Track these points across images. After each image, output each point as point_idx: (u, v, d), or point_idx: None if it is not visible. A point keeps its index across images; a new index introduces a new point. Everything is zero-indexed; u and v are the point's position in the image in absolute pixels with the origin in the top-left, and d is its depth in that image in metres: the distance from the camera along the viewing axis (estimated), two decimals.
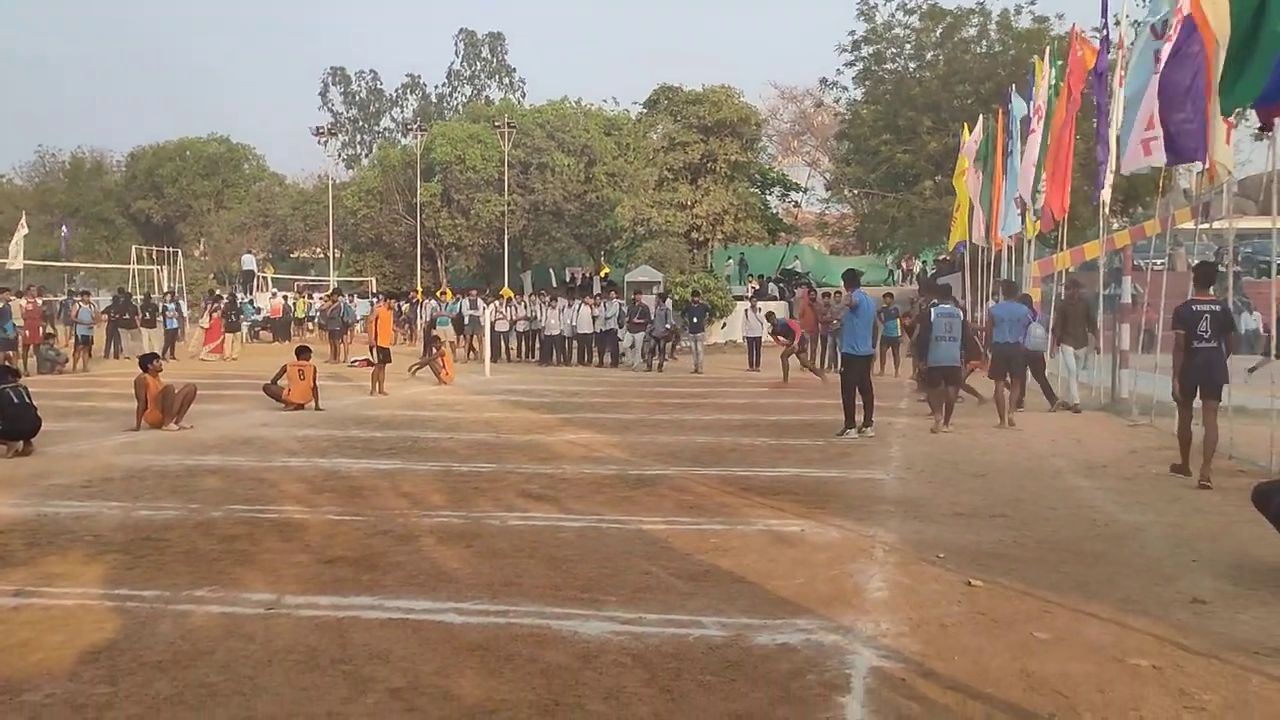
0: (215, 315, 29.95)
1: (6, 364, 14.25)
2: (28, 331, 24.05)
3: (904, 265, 41.61)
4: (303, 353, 16.90)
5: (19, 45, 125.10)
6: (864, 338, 13.27)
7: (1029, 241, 20.44)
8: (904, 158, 35.97)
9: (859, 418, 13.00)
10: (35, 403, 11.73)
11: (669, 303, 28.29)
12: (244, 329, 34.22)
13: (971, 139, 24.45)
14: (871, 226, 40.19)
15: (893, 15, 37.64)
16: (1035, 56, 22.43)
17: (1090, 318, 15.58)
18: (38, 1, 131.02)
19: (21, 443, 11.32)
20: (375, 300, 30.94)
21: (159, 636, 5.20)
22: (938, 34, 36.83)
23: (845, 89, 41.45)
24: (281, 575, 6.38)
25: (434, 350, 22.14)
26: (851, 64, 39.23)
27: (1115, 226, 21.08)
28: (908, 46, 38.03)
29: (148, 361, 14.17)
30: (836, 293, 26.47)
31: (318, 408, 16.02)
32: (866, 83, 39.36)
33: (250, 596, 5.91)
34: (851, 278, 13.66)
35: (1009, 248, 22.50)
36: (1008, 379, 14.34)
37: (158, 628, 5.34)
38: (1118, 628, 5.31)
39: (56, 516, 8.11)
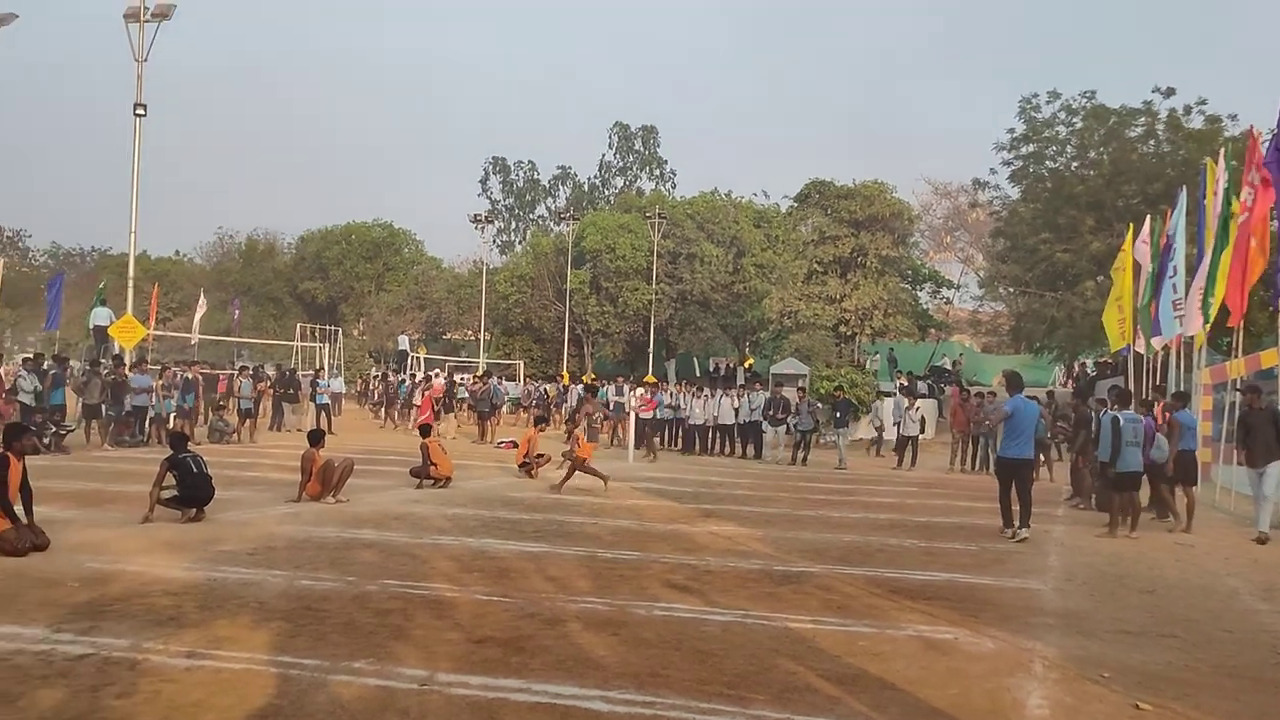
0: (427, 393, 30.84)
1: (184, 434, 14.99)
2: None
3: (1076, 368, 40.19)
4: (426, 431, 18.12)
5: (197, 134, 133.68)
6: (1015, 441, 12.99)
7: (1199, 349, 19.64)
8: (1064, 257, 35.13)
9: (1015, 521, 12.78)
10: (210, 472, 12.33)
11: (810, 396, 28.01)
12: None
13: (1140, 240, 23.71)
14: (1028, 326, 39.22)
15: (1055, 114, 37.08)
16: (1207, 158, 21.78)
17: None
18: (224, 95, 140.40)
19: (195, 509, 11.90)
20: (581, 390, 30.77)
21: (319, 705, 5.36)
22: (1102, 133, 36.11)
23: (998, 188, 40.90)
24: (434, 652, 6.51)
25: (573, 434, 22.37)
26: (1009, 162, 38.70)
27: None
28: (1069, 146, 37.34)
29: (317, 438, 14.77)
30: (990, 393, 25.87)
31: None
32: (1024, 180, 38.74)
33: (404, 671, 6.05)
34: (1014, 381, 13.60)
35: (1178, 352, 21.63)
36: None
37: (318, 696, 5.51)
38: None
39: (225, 582, 8.47)
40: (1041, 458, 21.96)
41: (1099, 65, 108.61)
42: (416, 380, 36.97)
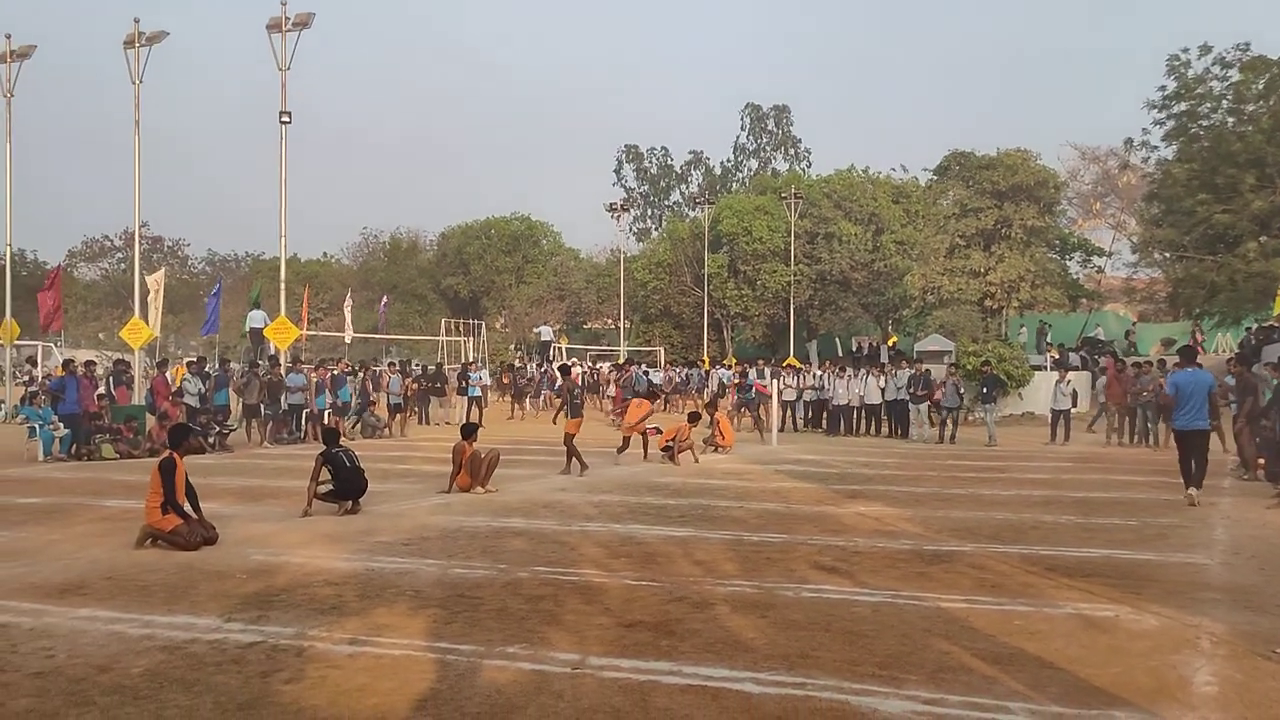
0: (619, 386, 31.34)
1: (337, 430, 15.55)
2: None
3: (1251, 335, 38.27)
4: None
5: (339, 136, 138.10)
6: (1185, 413, 13.45)
7: None
8: (1223, 218, 33.42)
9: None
10: (363, 466, 12.79)
11: (958, 372, 27.30)
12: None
13: None
14: (1186, 292, 37.45)
15: (1207, 69, 35.26)
16: None
17: None
18: (361, 98, 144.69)
19: (350, 502, 12.36)
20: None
21: (477, 689, 5.52)
22: (1260, 85, 34.18)
23: (1155, 148, 39.11)
24: (585, 636, 6.62)
25: (713, 418, 22.41)
26: (1161, 121, 36.98)
27: None
28: (1225, 100, 35.46)
29: (469, 431, 15.13)
30: (1147, 363, 24.87)
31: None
32: (1179, 140, 36.95)
33: (557, 655, 6.17)
34: (1186, 355, 14.20)
35: None
36: None
37: (475, 680, 5.67)
38: None
39: (382, 571, 8.78)
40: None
41: (1255, 14, 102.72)
42: (543, 370, 37.63)
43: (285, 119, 27.01)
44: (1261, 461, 15.13)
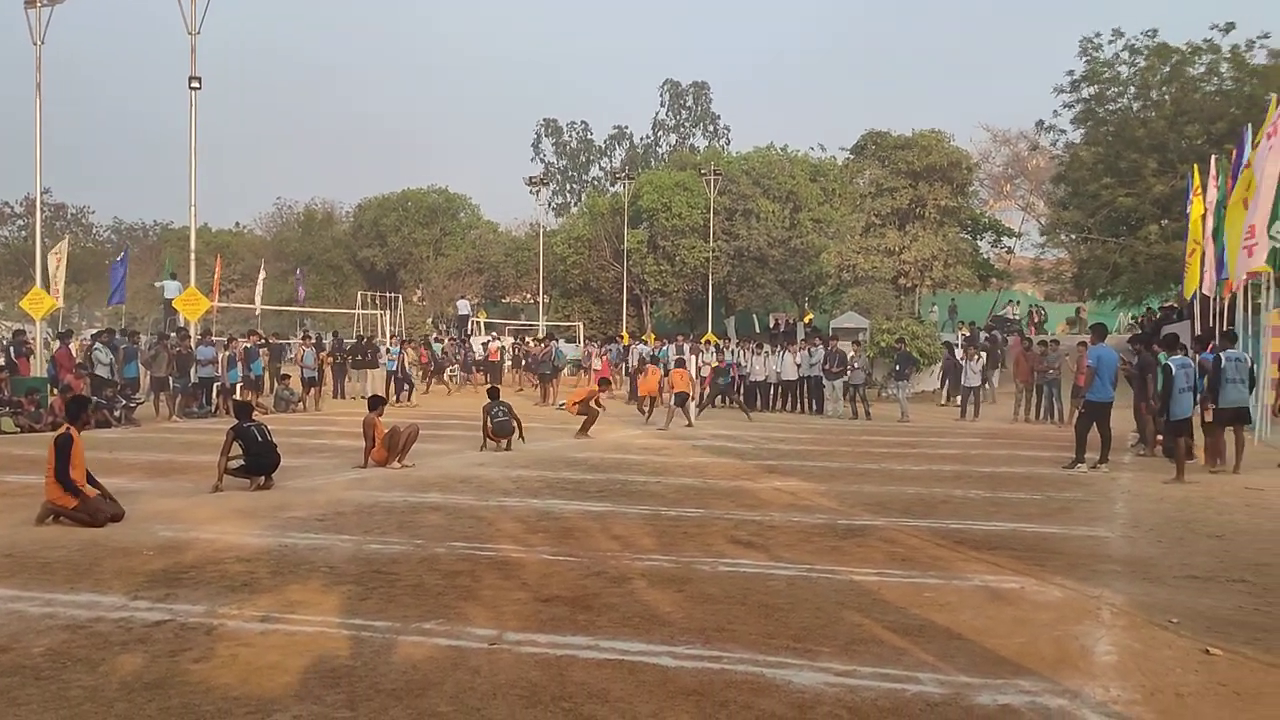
0: (605, 358, 31.08)
1: (249, 403, 15.27)
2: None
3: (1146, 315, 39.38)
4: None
5: (252, 105, 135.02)
6: (1104, 387, 14.29)
7: (1268, 288, 19.16)
8: (1126, 201, 34.37)
9: (1092, 456, 14.27)
10: (275, 440, 12.58)
11: (866, 350, 27.71)
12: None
13: (1211, 180, 23.10)
14: (1091, 273, 38.46)
15: (1117, 54, 36.16)
16: (1272, 93, 21.13)
17: None
18: (276, 68, 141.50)
19: (263, 477, 12.16)
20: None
21: (392, 665, 5.48)
22: (1165, 72, 35.15)
23: (1063, 131, 40.03)
24: (502, 612, 6.62)
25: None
26: (1070, 105, 37.86)
27: None
28: (1131, 86, 36.41)
29: (376, 404, 14.97)
30: (1053, 342, 25.50)
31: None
32: (1087, 124, 37.86)
33: (474, 631, 6.15)
34: (1099, 331, 14.93)
35: (1245, 294, 21.11)
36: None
37: (391, 657, 5.64)
38: None
39: (296, 547, 8.66)
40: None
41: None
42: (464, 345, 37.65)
43: (195, 84, 26.31)
44: (1160, 438, 15.66)
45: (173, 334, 25.92)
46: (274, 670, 5.42)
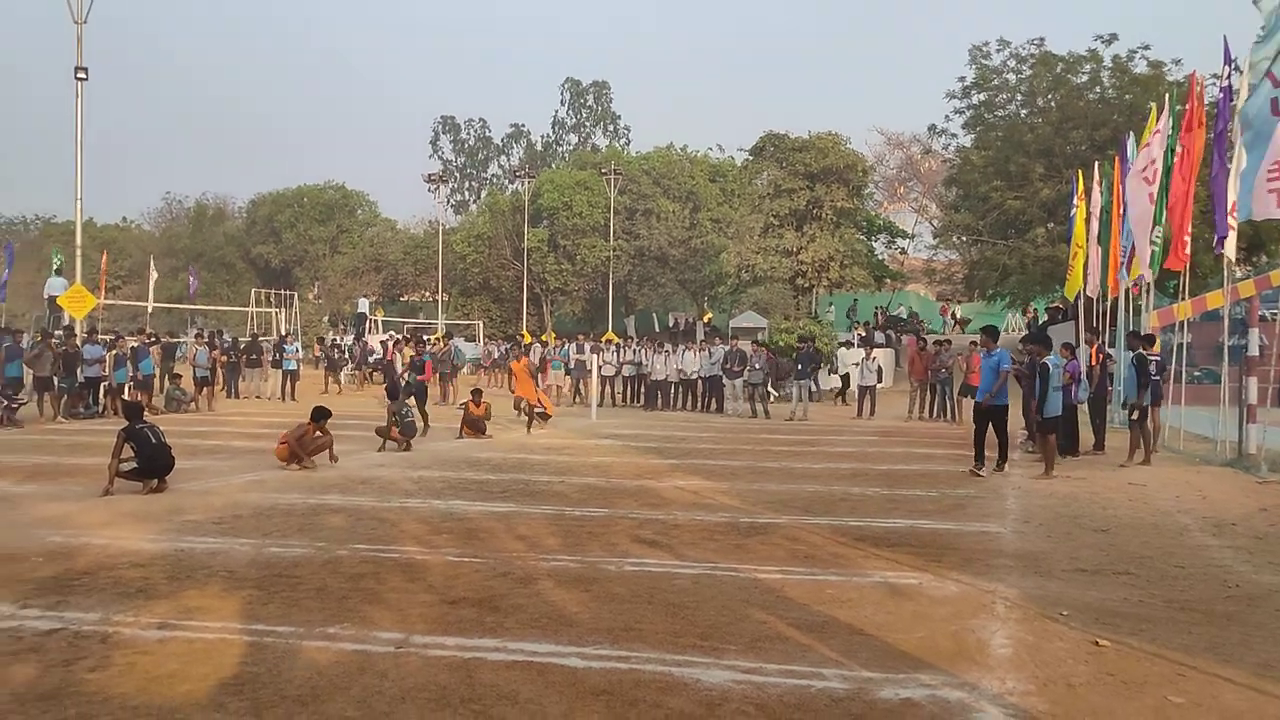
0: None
1: (140, 404, 14.84)
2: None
3: (1027, 314, 40.70)
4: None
5: (149, 92, 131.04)
6: (1004, 391, 14.20)
7: (1148, 290, 19.95)
8: (1015, 204, 35.43)
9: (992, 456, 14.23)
10: (168, 442, 12.25)
11: (763, 349, 28.07)
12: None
13: (1095, 184, 23.97)
14: (981, 274, 39.56)
15: (1004, 62, 37.27)
16: (1152, 103, 22.01)
17: None
18: (166, 60, 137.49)
19: (157, 480, 11.83)
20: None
21: (296, 671, 5.40)
22: (1050, 79, 36.33)
23: (954, 135, 41.11)
24: (408, 615, 6.56)
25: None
26: (961, 111, 38.90)
27: (1239, 276, 20.48)
28: (1019, 93, 37.57)
29: (321, 416, 14.58)
30: (946, 341, 26.14)
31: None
32: (977, 129, 38.94)
33: (380, 635, 6.09)
34: (993, 334, 14.84)
35: (1127, 297, 21.96)
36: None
37: (295, 662, 5.54)
38: (1256, 694, 5.16)
39: (193, 552, 8.45)
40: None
41: (1050, 11, 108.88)
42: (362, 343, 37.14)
43: (81, 75, 25.47)
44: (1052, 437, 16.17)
45: (58, 332, 25.02)
46: (174, 678, 5.29)
